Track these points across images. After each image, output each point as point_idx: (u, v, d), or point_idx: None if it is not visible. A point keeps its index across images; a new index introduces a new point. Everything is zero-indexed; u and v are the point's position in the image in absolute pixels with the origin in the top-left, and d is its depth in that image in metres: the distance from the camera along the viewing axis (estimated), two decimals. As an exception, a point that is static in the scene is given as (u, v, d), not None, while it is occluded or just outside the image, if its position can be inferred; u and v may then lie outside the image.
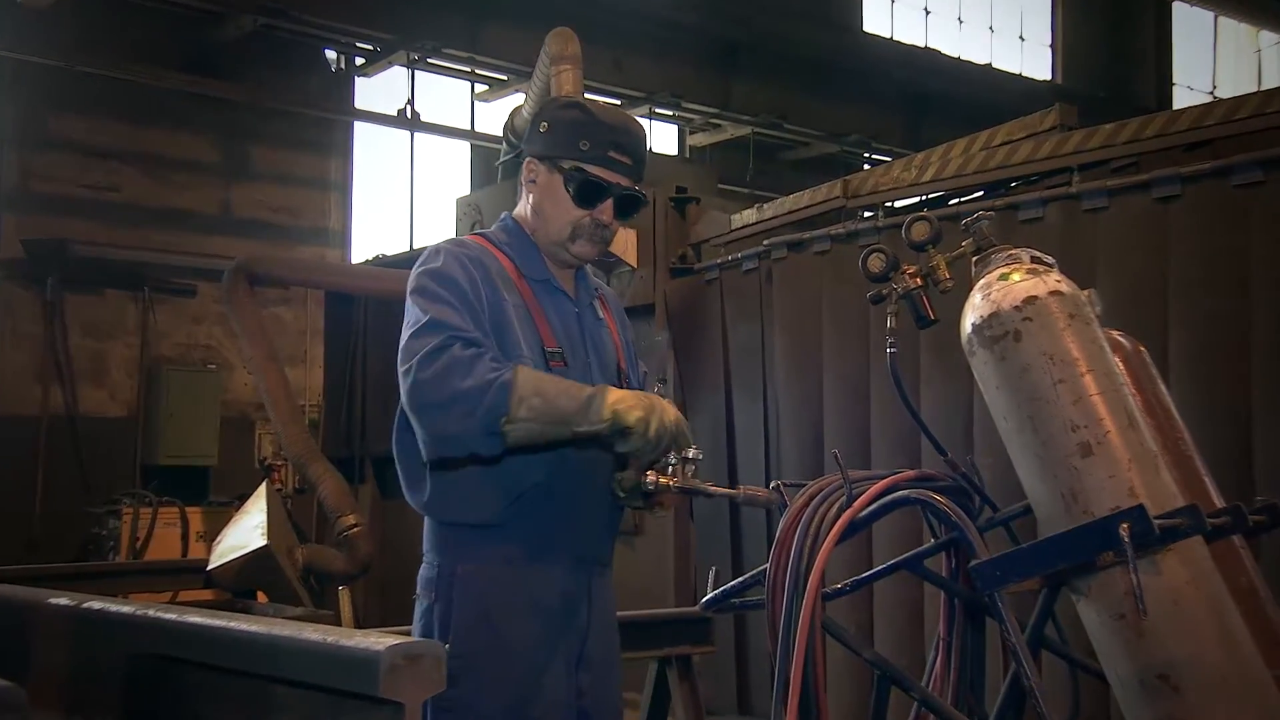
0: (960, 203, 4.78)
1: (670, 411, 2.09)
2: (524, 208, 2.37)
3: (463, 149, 12.33)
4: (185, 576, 5.58)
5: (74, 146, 9.81)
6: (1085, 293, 2.09)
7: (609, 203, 2.28)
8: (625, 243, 5.72)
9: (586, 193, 2.26)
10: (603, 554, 2.32)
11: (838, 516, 2.07)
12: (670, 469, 2.15)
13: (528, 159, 2.34)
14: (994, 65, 16.20)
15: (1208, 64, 18.58)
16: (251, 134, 10.56)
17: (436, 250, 2.26)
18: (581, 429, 2.05)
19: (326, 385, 8.55)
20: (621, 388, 2.24)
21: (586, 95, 6.53)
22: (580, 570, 2.26)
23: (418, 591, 2.25)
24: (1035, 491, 2.02)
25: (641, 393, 2.11)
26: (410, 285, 2.20)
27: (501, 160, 9.11)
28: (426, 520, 2.28)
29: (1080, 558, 1.89)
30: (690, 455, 2.13)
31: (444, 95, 12.20)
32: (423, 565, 2.26)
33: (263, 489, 6.06)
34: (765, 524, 5.13)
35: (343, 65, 11.35)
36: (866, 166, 13.93)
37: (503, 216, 2.41)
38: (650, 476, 2.15)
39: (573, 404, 2.05)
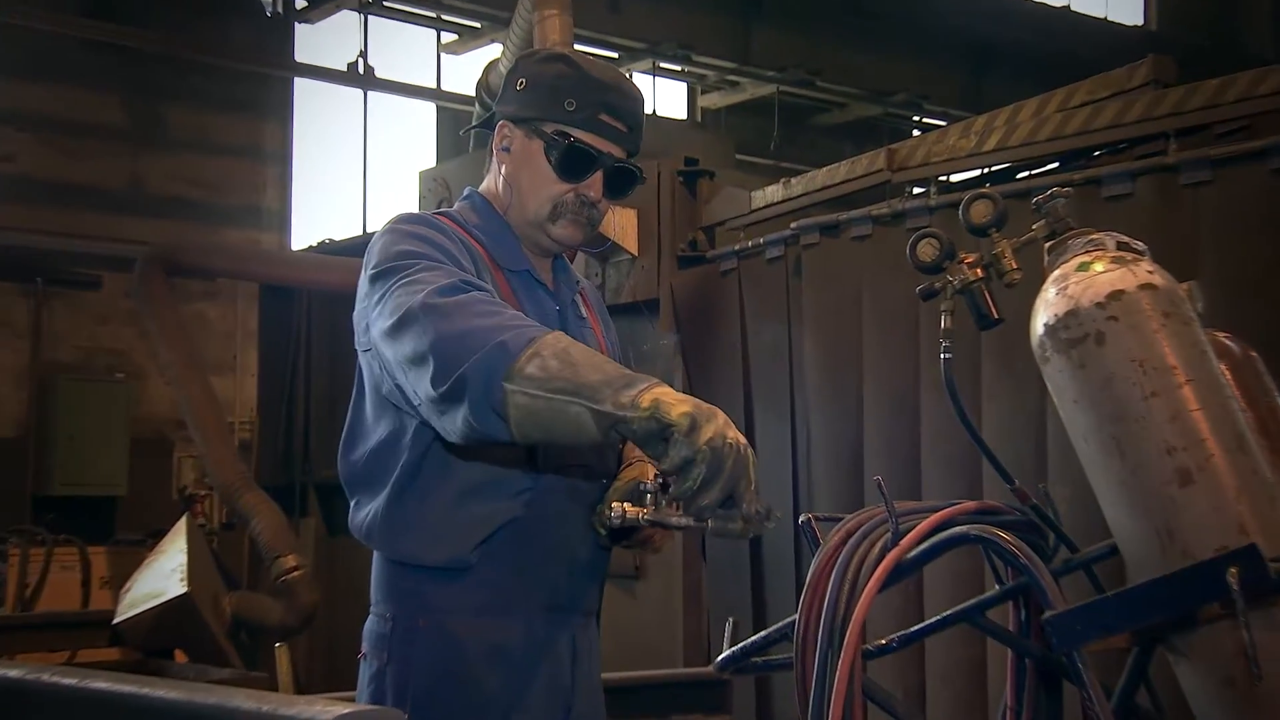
0: (1030, 176, 4.77)
1: (735, 432, 1.86)
2: (494, 181, 2.38)
3: (427, 112, 12.35)
4: (87, 631, 5.56)
5: (-47, 108, 9.83)
6: (1184, 286, 2.09)
7: (598, 176, 2.29)
8: (623, 226, 5.72)
9: (572, 162, 2.27)
10: (588, 603, 2.34)
11: (881, 558, 2.07)
12: (649, 497, 2.09)
13: (500, 122, 2.35)
14: (1073, 8, 16.23)
15: (1332, 7, 18.59)
16: (168, 92, 10.58)
17: (410, 215, 2.23)
18: (604, 408, 1.82)
19: (261, 398, 8.55)
20: None
21: (576, 47, 6.54)
22: (563, 622, 2.27)
23: (364, 650, 2.24)
24: (1123, 528, 2.02)
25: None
26: (375, 247, 2.15)
27: (474, 125, 9.10)
28: (376, 561, 2.27)
29: (1178, 609, 1.89)
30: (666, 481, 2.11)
31: (404, 46, 12.22)
32: (370, 617, 2.26)
33: (182, 524, 6.06)
34: (794, 565, 5.13)
35: (280, 9, 11.37)
36: (916, 132, 13.95)
37: (466, 192, 2.41)
38: (616, 508, 2.11)
39: (601, 378, 1.84)
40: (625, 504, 2.11)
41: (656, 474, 2.12)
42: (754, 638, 2.38)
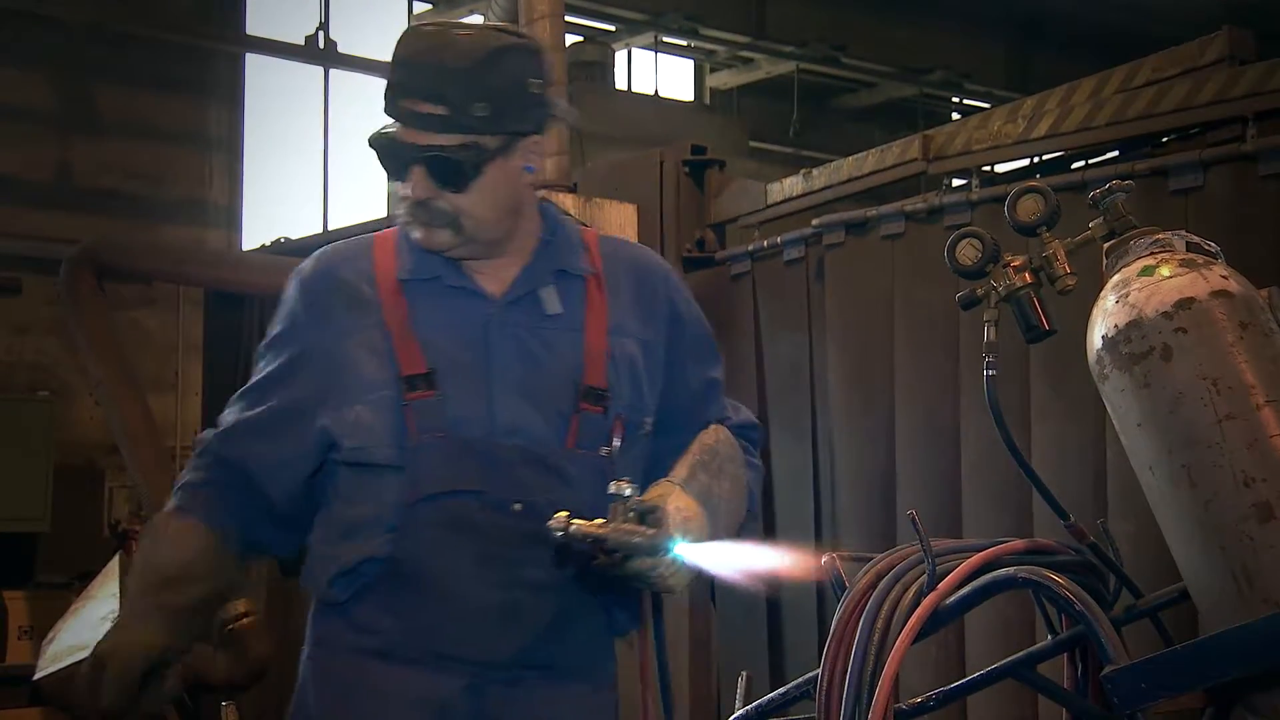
0: (1087, 167, 4.78)
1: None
2: None
3: (395, 91, 12.35)
4: (3, 689, 5.55)
5: None
6: (1263, 293, 2.09)
7: (419, 171, 2.27)
8: (620, 222, 5.72)
9: (380, 160, 2.32)
10: (520, 656, 2.28)
11: (917, 603, 2.07)
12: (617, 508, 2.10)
13: None
14: (1133, -26, 16.24)
15: None
16: (99, 69, 10.59)
17: (293, 276, 2.43)
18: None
19: (206, 420, 8.52)
20: (583, 416, 2.28)
21: (567, 19, 6.54)
22: (463, 675, 2.26)
23: None
24: (1194, 570, 2.01)
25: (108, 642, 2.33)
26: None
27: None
28: None
29: (1259, 664, 1.88)
30: (626, 492, 2.09)
31: (371, 17, 12.24)
32: None
33: (114, 565, 6.03)
34: (817, 611, 5.12)
35: (228, -26, 11.38)
36: (956, 116, 13.96)
37: None
38: (559, 520, 2.07)
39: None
40: (568, 518, 2.08)
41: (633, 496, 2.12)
42: (771, 695, 2.38)
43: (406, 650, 2.26)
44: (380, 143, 2.29)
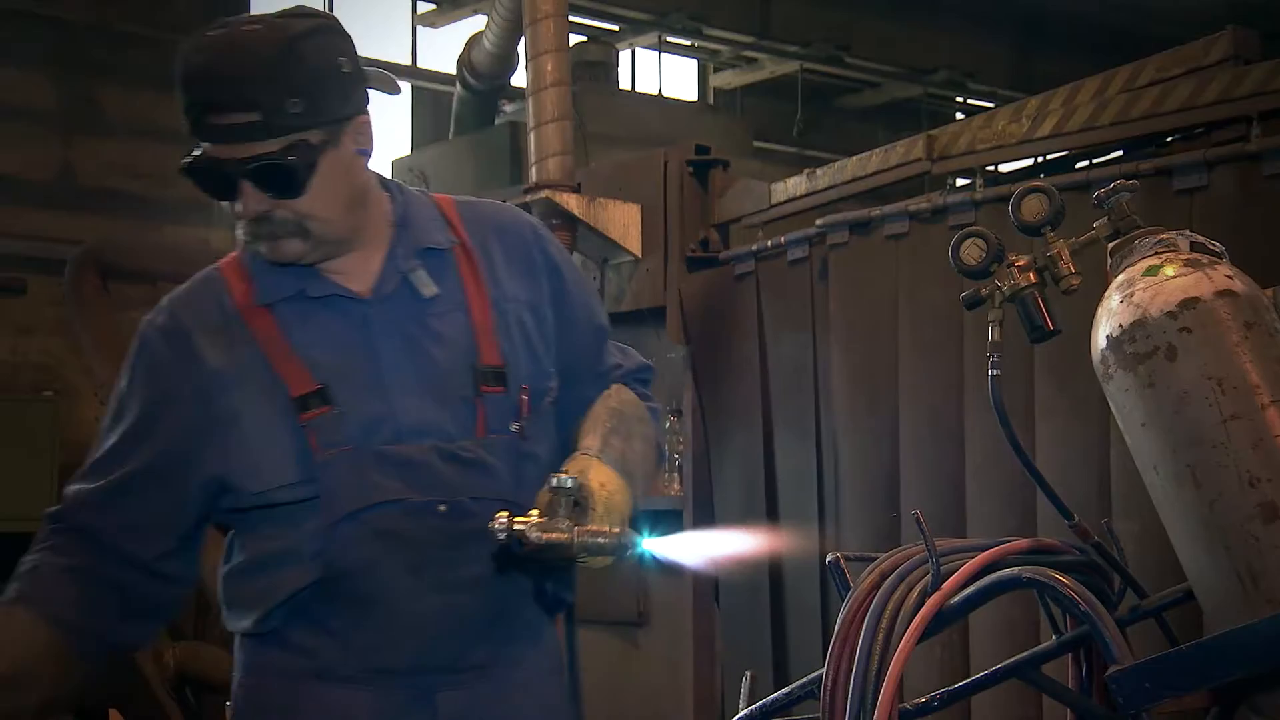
0: (1091, 167, 4.78)
1: None
2: None
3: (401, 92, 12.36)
4: (9, 687, 5.54)
5: None
6: (1268, 292, 2.09)
7: (248, 186, 2.12)
8: (624, 223, 5.72)
9: (201, 186, 2.17)
10: (456, 660, 2.24)
11: (921, 603, 2.07)
12: (560, 502, 2.05)
13: None
14: (1137, -26, 16.23)
15: None
16: (102, 69, 10.60)
17: (142, 328, 2.29)
18: None
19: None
20: (486, 399, 2.22)
21: (571, 19, 6.54)
22: (410, 686, 2.22)
23: None
24: (1199, 570, 2.01)
25: None
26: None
27: (455, 108, 9.13)
28: None
29: (1264, 664, 1.88)
30: (569, 485, 2.05)
31: (374, 18, 12.25)
32: None
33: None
34: (821, 611, 5.12)
35: (232, -26, 11.39)
36: (960, 116, 13.95)
37: None
38: (500, 520, 2.03)
39: None
40: (522, 519, 2.03)
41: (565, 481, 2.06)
42: (775, 695, 2.38)
43: (346, 668, 2.20)
44: (197, 168, 2.12)
